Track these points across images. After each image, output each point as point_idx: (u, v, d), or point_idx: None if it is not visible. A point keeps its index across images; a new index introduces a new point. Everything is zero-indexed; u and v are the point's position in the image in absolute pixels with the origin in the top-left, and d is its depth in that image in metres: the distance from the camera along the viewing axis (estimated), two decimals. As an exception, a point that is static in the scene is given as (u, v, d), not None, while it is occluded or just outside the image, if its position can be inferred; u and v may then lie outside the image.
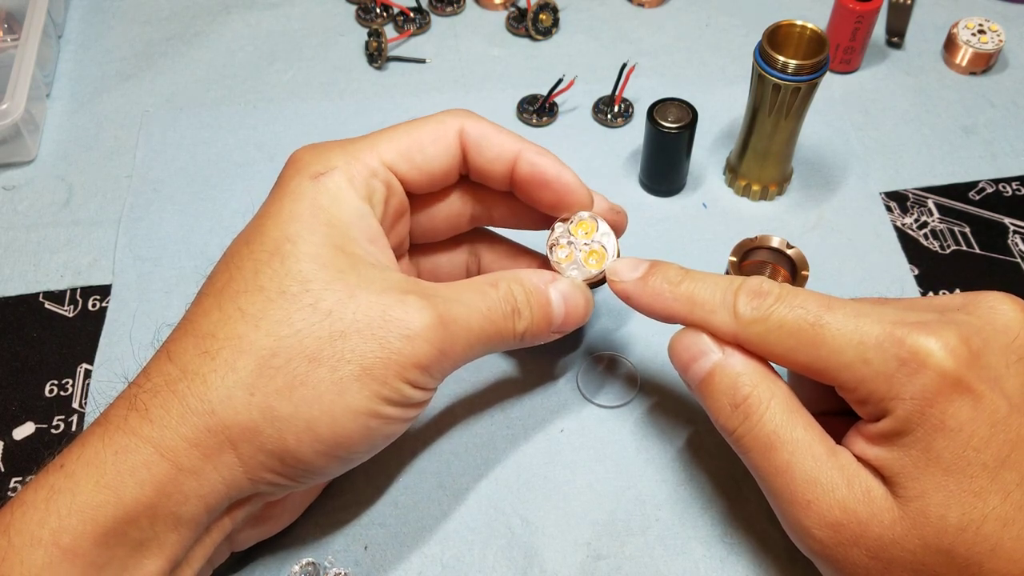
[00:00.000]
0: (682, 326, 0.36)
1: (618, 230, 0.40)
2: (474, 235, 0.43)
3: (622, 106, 0.56)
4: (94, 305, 0.48)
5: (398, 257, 0.39)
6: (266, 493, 0.33)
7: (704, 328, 0.35)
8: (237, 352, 0.30)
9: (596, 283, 0.39)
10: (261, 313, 0.31)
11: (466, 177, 0.39)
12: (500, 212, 0.41)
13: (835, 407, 0.36)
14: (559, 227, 0.39)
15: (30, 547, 0.28)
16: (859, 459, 0.32)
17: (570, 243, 0.38)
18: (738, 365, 0.34)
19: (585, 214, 0.38)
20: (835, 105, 0.57)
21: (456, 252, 0.43)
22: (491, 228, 0.43)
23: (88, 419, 0.43)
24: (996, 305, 0.32)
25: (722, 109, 0.55)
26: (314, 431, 0.31)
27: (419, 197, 0.38)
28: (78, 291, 0.48)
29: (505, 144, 0.37)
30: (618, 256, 0.38)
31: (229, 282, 0.32)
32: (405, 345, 0.31)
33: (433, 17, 0.63)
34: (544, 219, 0.40)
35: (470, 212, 0.40)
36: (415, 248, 0.41)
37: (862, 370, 0.31)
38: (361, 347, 0.31)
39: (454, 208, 0.40)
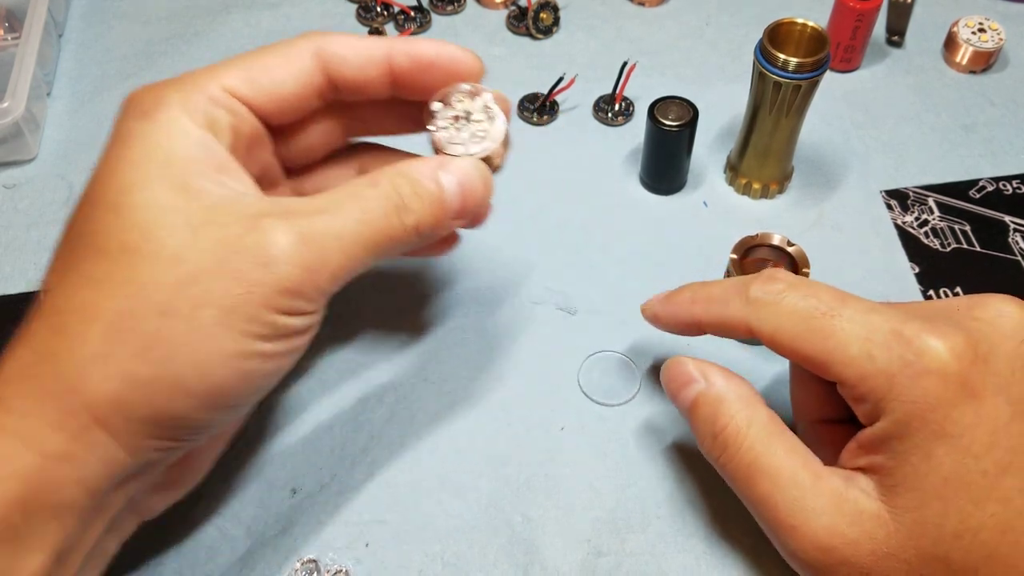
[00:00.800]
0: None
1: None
2: (359, 148, 0.40)
3: (623, 104, 0.56)
4: (95, 303, 0.48)
5: (270, 185, 0.37)
6: (157, 460, 0.31)
7: (720, 321, 0.35)
8: (84, 320, 0.28)
9: (492, 164, 0.36)
10: (105, 275, 0.28)
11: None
12: (377, 119, 0.38)
13: (837, 414, 0.36)
14: (436, 106, 0.35)
15: None
16: (856, 469, 0.32)
17: (455, 118, 0.35)
18: (719, 393, 0.35)
19: (465, 86, 0.35)
20: (835, 104, 0.57)
21: (343, 168, 0.40)
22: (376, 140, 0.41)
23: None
24: (1003, 309, 0.31)
25: (723, 107, 0.55)
26: (184, 387, 0.29)
27: (286, 126, 0.36)
28: (79, 289, 0.48)
29: (371, 47, 0.35)
30: (507, 130, 0.35)
31: (71, 250, 0.30)
32: (264, 274, 0.29)
33: (434, 16, 0.63)
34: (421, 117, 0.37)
35: (344, 128, 0.38)
36: (296, 171, 0.39)
37: (866, 366, 0.30)
38: (216, 287, 0.28)
39: (326, 128, 0.38)
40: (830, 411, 0.36)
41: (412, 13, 0.62)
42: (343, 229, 0.30)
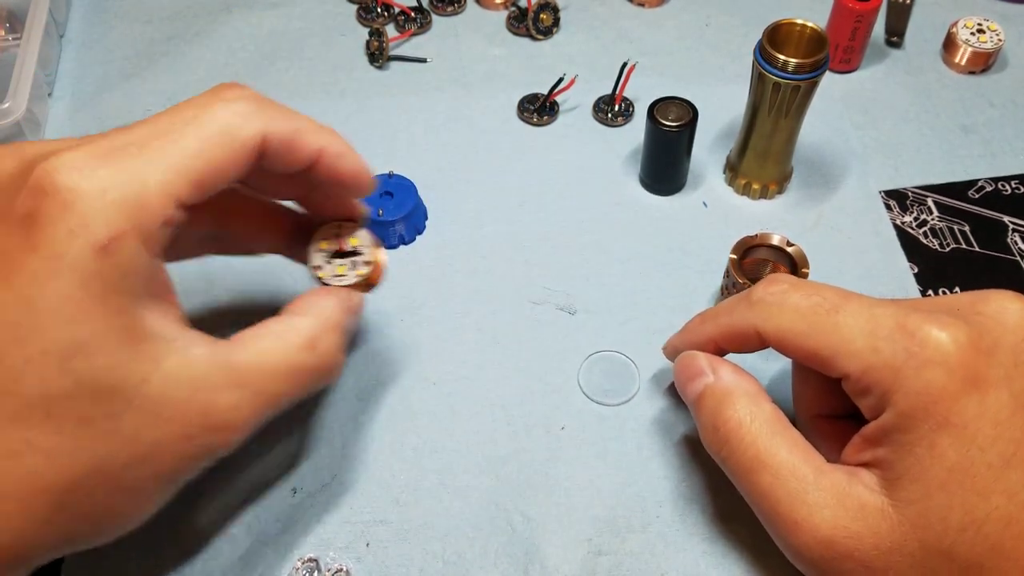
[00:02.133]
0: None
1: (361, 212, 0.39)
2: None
3: (622, 105, 0.56)
4: (96, 303, 0.48)
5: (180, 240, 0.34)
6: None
7: (730, 330, 0.36)
8: (30, 493, 0.27)
9: (372, 282, 0.39)
10: (54, 446, 0.27)
11: None
12: (261, 187, 0.37)
13: (842, 409, 0.36)
14: (315, 244, 0.38)
15: None
16: (860, 464, 0.32)
17: (342, 256, 0.38)
18: (725, 387, 0.35)
19: (355, 228, 0.38)
20: (835, 104, 0.57)
21: (200, 221, 0.36)
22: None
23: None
24: (1005, 304, 0.32)
25: (722, 108, 0.56)
26: (112, 533, 0.31)
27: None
28: (80, 289, 0.48)
29: (308, 147, 0.33)
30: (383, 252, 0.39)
31: (6, 402, 0.27)
32: (209, 450, 0.31)
33: (434, 17, 0.63)
34: (297, 187, 0.37)
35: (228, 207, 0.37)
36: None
37: (870, 359, 0.31)
38: (164, 465, 0.30)
39: (213, 209, 0.35)
40: (831, 406, 0.36)
41: (412, 14, 0.62)
42: (280, 401, 0.33)
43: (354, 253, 0.38)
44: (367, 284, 0.38)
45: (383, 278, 0.39)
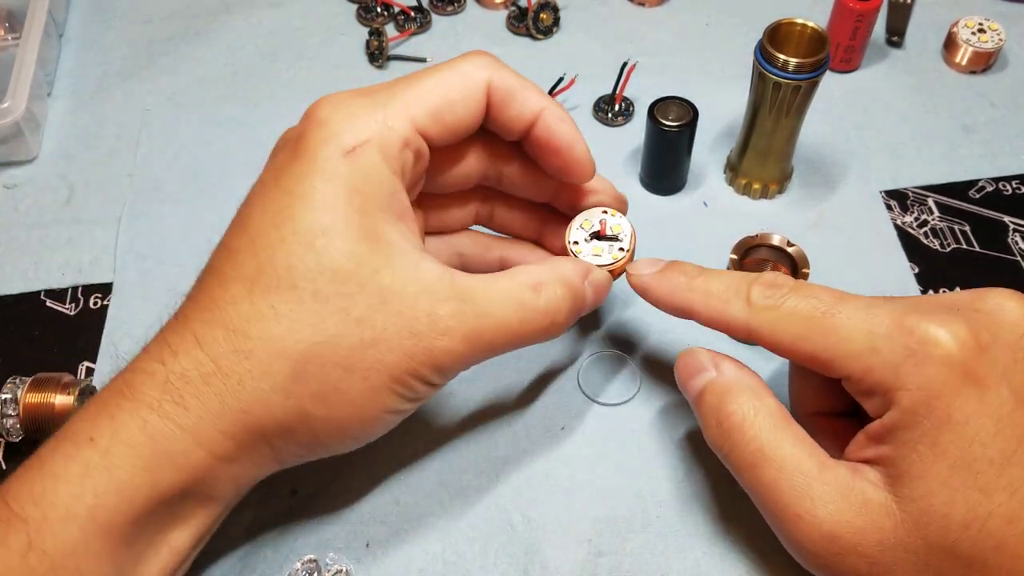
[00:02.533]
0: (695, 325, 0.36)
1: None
2: (487, 188, 0.42)
3: (623, 105, 0.56)
4: (95, 303, 0.48)
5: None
6: (288, 463, 0.35)
7: (718, 318, 0.35)
8: (272, 355, 0.31)
9: (615, 272, 0.40)
10: (294, 315, 0.31)
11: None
12: (508, 173, 0.40)
13: (840, 407, 0.36)
14: (577, 221, 0.40)
15: (64, 521, 0.29)
16: (864, 461, 0.32)
17: (590, 237, 0.39)
18: (727, 382, 0.35)
19: (608, 212, 0.40)
20: (835, 104, 0.57)
21: (467, 205, 0.42)
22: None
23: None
24: (1003, 302, 0.32)
25: (722, 108, 0.55)
26: (344, 429, 0.33)
27: (436, 150, 0.37)
28: (79, 289, 0.48)
29: (528, 102, 0.36)
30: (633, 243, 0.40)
31: (260, 273, 0.31)
32: (430, 356, 0.32)
33: (434, 16, 0.63)
34: (549, 188, 0.40)
35: (482, 170, 0.39)
36: (423, 196, 0.40)
37: (870, 359, 0.31)
38: (390, 357, 0.32)
39: (464, 167, 0.39)
40: (831, 405, 0.36)
41: (412, 13, 0.62)
42: (498, 333, 0.34)
43: (613, 239, 0.39)
44: (616, 272, 0.39)
45: (624, 268, 0.39)
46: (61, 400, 0.39)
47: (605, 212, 0.40)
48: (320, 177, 0.32)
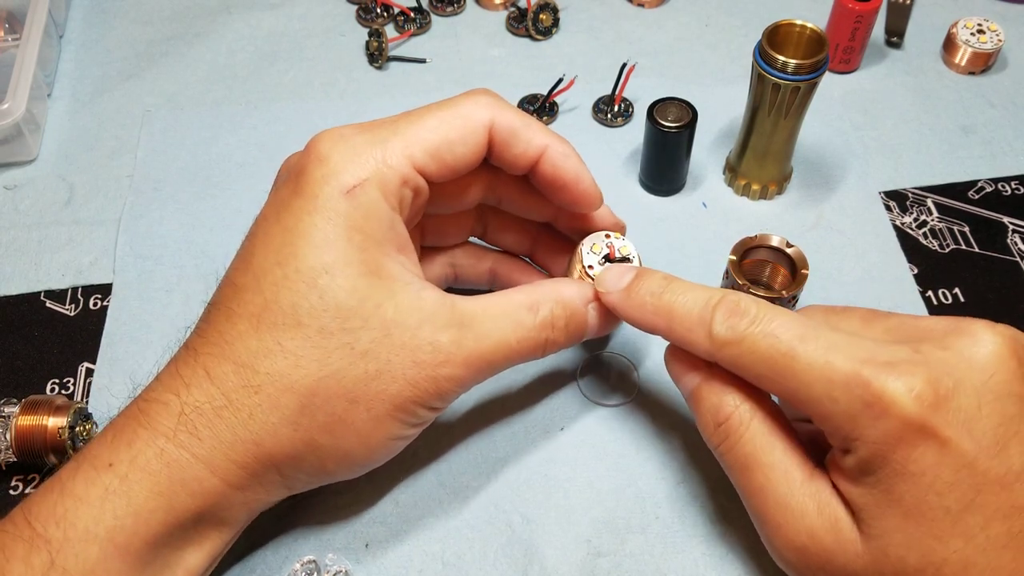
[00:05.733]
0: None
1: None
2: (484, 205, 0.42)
3: (622, 106, 0.56)
4: (95, 304, 0.48)
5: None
6: (297, 489, 0.36)
7: (683, 344, 0.35)
8: (280, 389, 0.32)
9: None
10: (300, 351, 0.32)
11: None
12: (509, 197, 0.40)
13: None
14: (586, 245, 0.40)
15: (85, 542, 0.30)
16: (834, 485, 0.32)
17: (603, 260, 0.39)
18: (725, 383, 0.34)
19: (612, 235, 0.40)
20: (834, 105, 0.57)
21: (465, 223, 0.42)
22: None
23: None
24: (980, 337, 0.30)
25: (722, 109, 0.56)
26: (351, 457, 0.34)
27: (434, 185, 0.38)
28: (79, 290, 0.48)
29: (532, 141, 0.36)
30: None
31: (265, 310, 0.32)
32: (433, 384, 0.33)
33: (433, 17, 0.63)
34: (549, 211, 0.41)
35: (482, 196, 0.40)
36: (423, 215, 0.40)
37: (829, 407, 0.30)
38: (393, 387, 0.33)
39: (466, 195, 0.40)
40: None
41: (412, 14, 0.62)
42: (497, 353, 0.35)
43: (624, 260, 0.39)
44: None
45: None
46: (54, 422, 0.39)
47: (608, 236, 0.40)
48: (321, 215, 0.32)
